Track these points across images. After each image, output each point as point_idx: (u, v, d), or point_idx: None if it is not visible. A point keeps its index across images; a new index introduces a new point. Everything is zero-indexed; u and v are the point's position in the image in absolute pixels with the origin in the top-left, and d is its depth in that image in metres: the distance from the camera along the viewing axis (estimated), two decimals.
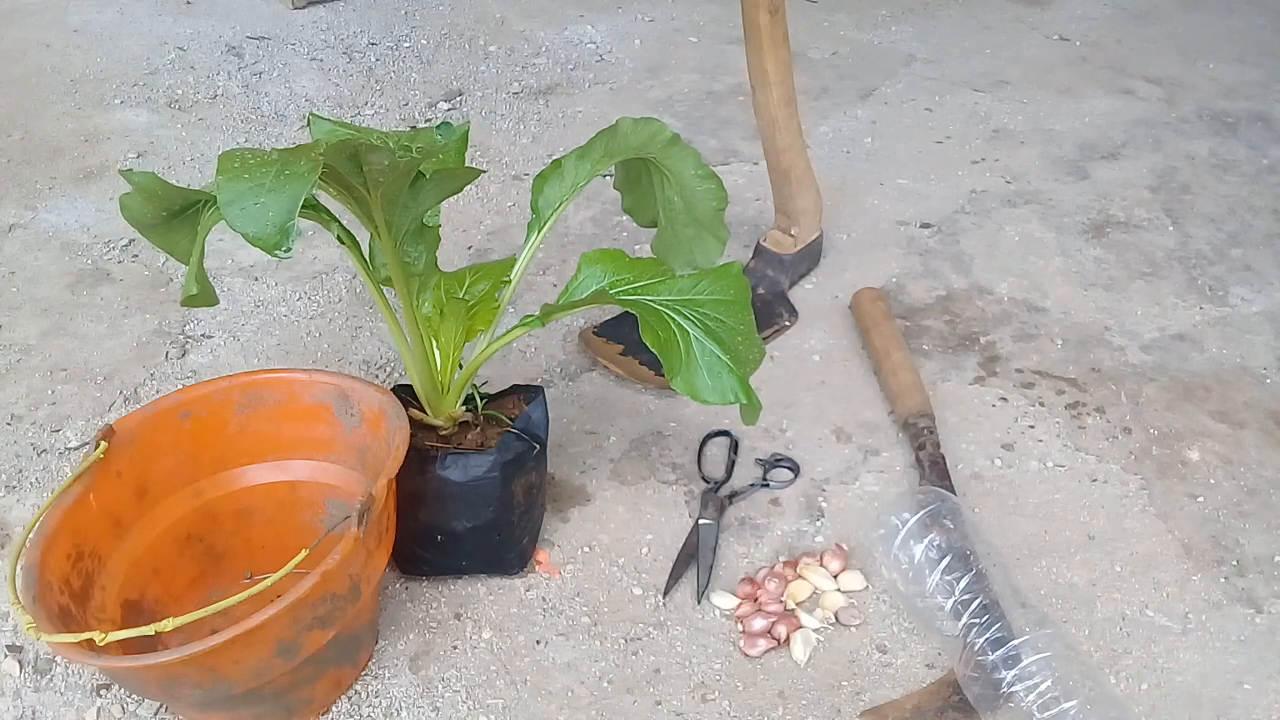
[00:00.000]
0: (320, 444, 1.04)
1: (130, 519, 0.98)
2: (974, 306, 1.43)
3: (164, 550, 1.01)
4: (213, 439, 1.03)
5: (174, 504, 1.02)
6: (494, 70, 1.99)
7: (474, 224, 1.58)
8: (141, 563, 0.98)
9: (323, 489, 1.05)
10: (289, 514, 1.06)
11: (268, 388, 1.03)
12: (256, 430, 1.04)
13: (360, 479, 1.02)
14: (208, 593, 1.03)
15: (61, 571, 0.90)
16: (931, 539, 1.02)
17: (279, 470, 1.05)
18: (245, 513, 1.05)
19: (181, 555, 1.02)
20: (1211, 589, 1.07)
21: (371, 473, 1.00)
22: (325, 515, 1.05)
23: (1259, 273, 1.50)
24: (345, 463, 1.04)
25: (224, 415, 1.03)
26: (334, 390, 1.03)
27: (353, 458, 1.03)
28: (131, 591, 0.97)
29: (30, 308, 1.42)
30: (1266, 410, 1.27)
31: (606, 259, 1.01)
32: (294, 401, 1.03)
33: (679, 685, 0.98)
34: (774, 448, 1.21)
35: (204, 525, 1.04)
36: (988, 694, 0.93)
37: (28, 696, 0.98)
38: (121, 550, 0.97)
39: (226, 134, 1.79)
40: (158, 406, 1.01)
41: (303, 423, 1.04)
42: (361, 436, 1.02)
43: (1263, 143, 1.79)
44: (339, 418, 1.03)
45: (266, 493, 1.05)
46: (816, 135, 1.78)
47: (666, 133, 1.07)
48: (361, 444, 1.02)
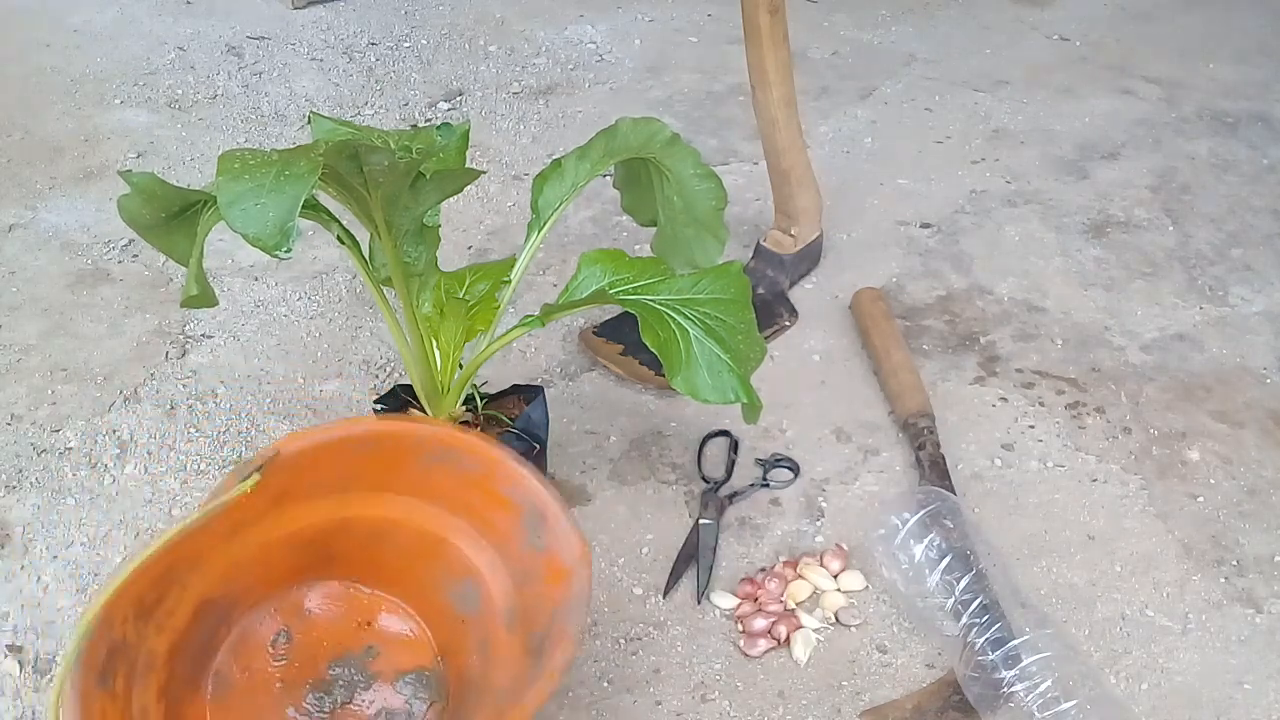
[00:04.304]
0: (492, 529, 0.94)
1: (252, 521, 0.90)
2: (974, 306, 1.43)
3: (276, 550, 0.92)
4: (385, 469, 0.94)
5: (311, 511, 0.93)
6: (494, 70, 1.99)
7: (474, 224, 1.58)
8: (243, 562, 0.90)
9: (467, 565, 0.94)
10: (424, 559, 0.96)
11: (470, 456, 0.93)
12: (439, 481, 0.94)
13: (506, 590, 0.92)
14: (299, 585, 0.95)
15: (137, 593, 0.82)
16: (931, 539, 1.02)
17: (439, 521, 0.95)
18: (382, 536, 0.96)
19: (290, 554, 0.94)
20: (1211, 589, 1.07)
21: (515, 618, 0.89)
22: (456, 586, 0.95)
23: (1259, 273, 1.50)
24: (503, 563, 0.93)
25: (411, 458, 0.94)
26: (534, 500, 0.91)
27: (512, 568, 0.92)
28: (215, 589, 0.89)
29: (30, 308, 1.42)
30: (1266, 410, 1.27)
31: (606, 259, 1.01)
32: (488, 481, 0.93)
33: (679, 685, 0.98)
34: (774, 448, 1.21)
35: (334, 536, 0.95)
36: (988, 694, 0.93)
37: (28, 696, 0.98)
38: (226, 550, 0.89)
39: (226, 134, 1.79)
40: (338, 433, 0.93)
41: (487, 503, 0.94)
42: (530, 565, 0.91)
43: (1263, 143, 1.79)
44: (524, 524, 0.92)
45: (414, 532, 0.96)
46: (816, 135, 1.78)
47: (666, 132, 1.07)
48: (525, 572, 0.91)
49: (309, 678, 0.92)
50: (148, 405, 1.27)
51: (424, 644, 0.94)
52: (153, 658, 0.84)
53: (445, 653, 0.94)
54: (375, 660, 0.94)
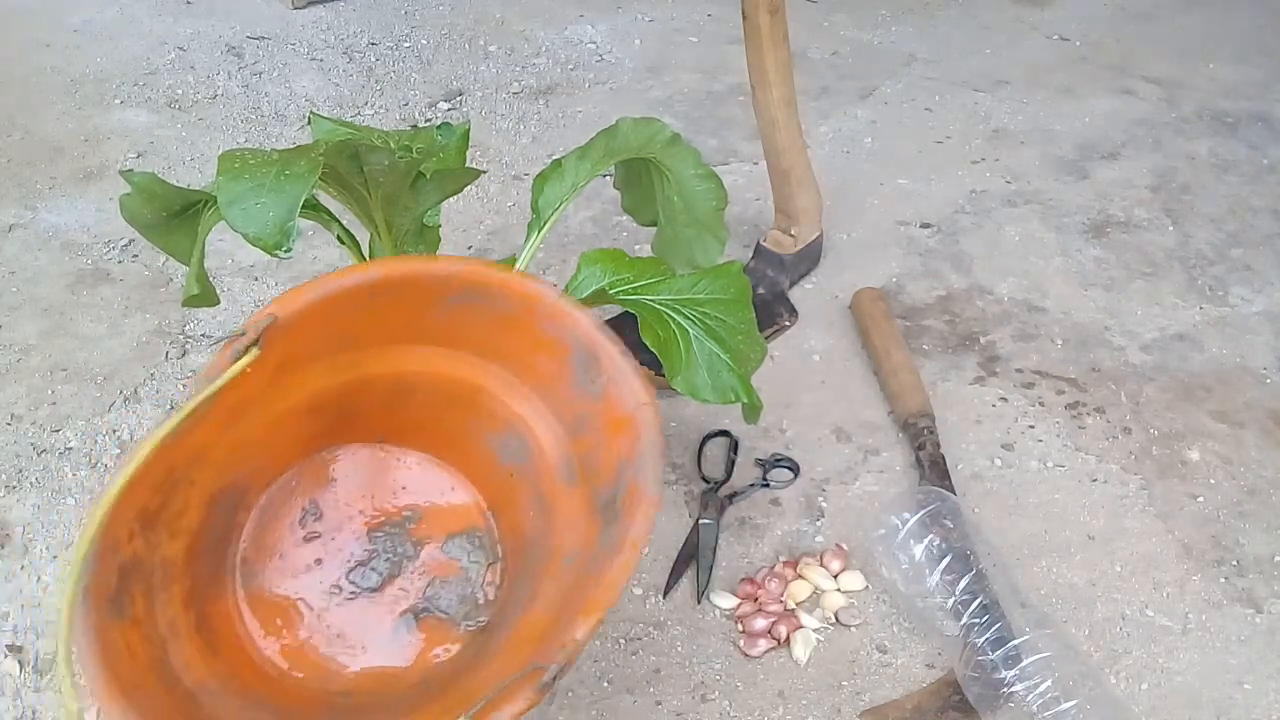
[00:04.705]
0: (533, 373, 0.83)
1: (254, 398, 0.78)
2: (974, 306, 1.43)
3: (286, 423, 0.81)
4: (402, 317, 0.82)
5: (319, 375, 0.82)
6: (494, 70, 1.99)
7: (474, 224, 1.58)
8: (251, 442, 0.80)
9: (508, 414, 0.84)
10: (456, 411, 0.85)
11: (502, 294, 0.81)
12: (466, 323, 0.82)
13: (558, 439, 0.82)
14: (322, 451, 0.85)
15: (139, 504, 0.73)
16: (931, 539, 1.02)
17: (469, 368, 0.84)
18: (405, 392, 0.85)
19: (302, 423, 0.83)
20: (1211, 589, 1.07)
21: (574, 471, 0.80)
22: (496, 436, 0.85)
23: (1259, 273, 1.50)
24: (549, 410, 0.83)
25: (431, 299, 0.82)
26: (583, 340, 0.79)
27: (561, 414, 0.82)
28: (225, 477, 0.80)
29: (30, 308, 1.42)
30: (1266, 410, 1.27)
31: (606, 259, 1.01)
32: (526, 321, 0.81)
33: (679, 685, 0.98)
34: (774, 448, 1.21)
35: (350, 398, 0.83)
36: (988, 694, 0.93)
37: (28, 696, 0.98)
38: (230, 434, 0.78)
39: (226, 134, 1.79)
40: (344, 283, 0.79)
41: (527, 344, 0.82)
42: (584, 411, 0.80)
43: (1263, 143, 1.79)
44: (573, 368, 0.80)
45: (441, 382, 0.84)
46: (816, 135, 1.78)
47: (667, 132, 1.07)
48: (579, 418, 0.81)
49: (347, 552, 0.84)
50: (148, 405, 1.27)
51: (470, 502, 0.87)
52: (170, 566, 0.76)
53: (495, 509, 0.86)
54: (418, 525, 0.86)
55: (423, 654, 0.83)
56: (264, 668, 0.81)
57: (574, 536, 0.79)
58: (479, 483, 0.86)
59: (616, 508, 0.75)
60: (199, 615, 0.78)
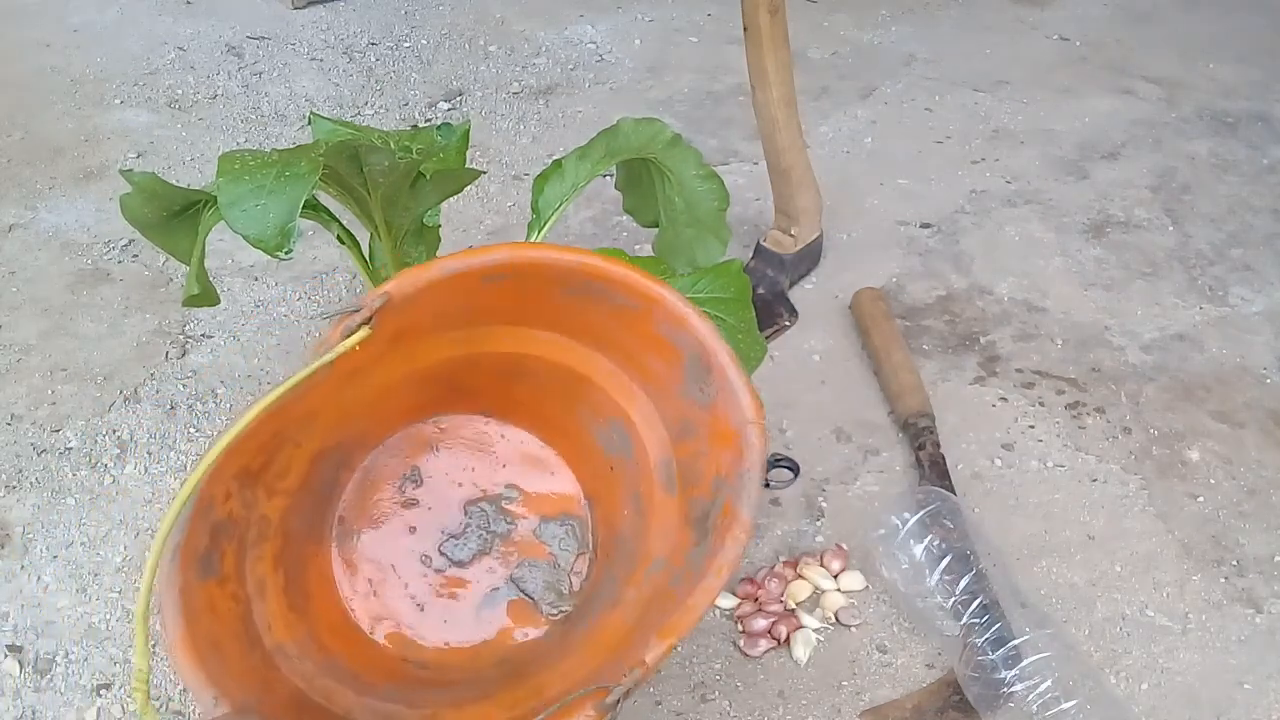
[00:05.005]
0: (644, 371, 0.82)
1: (369, 365, 0.79)
2: (974, 306, 1.43)
3: (398, 390, 0.82)
4: (520, 303, 0.82)
5: (435, 346, 0.82)
6: (494, 70, 1.99)
7: (474, 224, 1.58)
8: (362, 406, 0.81)
9: (615, 407, 0.83)
10: (565, 397, 0.85)
11: (625, 291, 0.80)
12: (581, 312, 0.82)
13: (661, 441, 0.81)
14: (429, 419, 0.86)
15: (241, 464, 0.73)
16: (931, 539, 1.02)
17: (582, 359, 0.83)
18: (516, 372, 0.85)
19: (413, 391, 0.83)
20: (1211, 589, 1.07)
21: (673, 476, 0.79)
22: (602, 427, 0.85)
23: (1259, 273, 1.50)
24: (656, 412, 0.82)
25: (548, 288, 0.81)
26: (699, 347, 0.79)
27: (668, 417, 0.81)
28: (331, 438, 0.80)
29: (30, 308, 1.42)
30: (1266, 410, 1.27)
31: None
32: (645, 320, 0.80)
33: (679, 685, 0.98)
34: (774, 448, 1.21)
35: (462, 372, 0.84)
36: (988, 694, 0.93)
37: (28, 696, 0.98)
38: (340, 398, 0.79)
39: (226, 134, 1.80)
40: (458, 267, 0.78)
41: (642, 344, 0.82)
42: (691, 418, 0.80)
43: (1263, 143, 1.79)
44: (685, 373, 0.80)
45: (553, 367, 0.84)
46: (816, 135, 1.78)
47: (667, 133, 1.07)
48: (685, 424, 0.80)
49: (442, 523, 0.84)
50: (148, 405, 1.27)
51: (569, 488, 0.87)
52: (265, 525, 0.76)
53: (592, 499, 0.86)
54: (515, 503, 0.86)
55: (503, 634, 0.83)
56: (347, 631, 0.81)
57: (664, 544, 0.79)
58: (580, 471, 0.87)
59: (708, 525, 0.74)
60: (287, 576, 0.78)
